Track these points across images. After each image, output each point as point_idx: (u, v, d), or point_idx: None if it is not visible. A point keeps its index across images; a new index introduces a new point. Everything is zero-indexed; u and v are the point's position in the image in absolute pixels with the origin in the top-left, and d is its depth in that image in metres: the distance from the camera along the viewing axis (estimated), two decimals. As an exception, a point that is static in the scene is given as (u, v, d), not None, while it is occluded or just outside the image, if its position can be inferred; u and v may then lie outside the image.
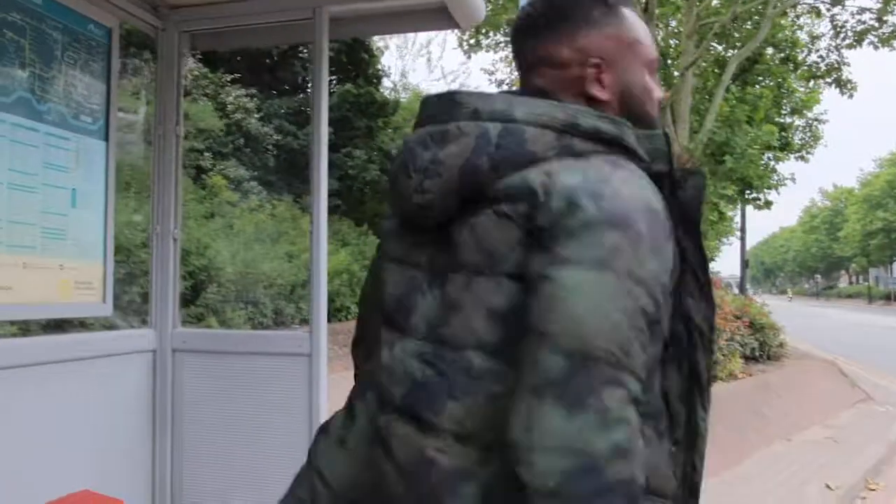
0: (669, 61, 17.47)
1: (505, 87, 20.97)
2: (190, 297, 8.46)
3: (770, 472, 5.85)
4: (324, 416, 2.60)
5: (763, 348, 10.30)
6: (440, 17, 2.81)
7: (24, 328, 4.98)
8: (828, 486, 5.42)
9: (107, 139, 2.59)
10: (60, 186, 2.39)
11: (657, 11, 15.27)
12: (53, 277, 2.35)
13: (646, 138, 1.07)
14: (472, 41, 17.77)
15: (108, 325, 4.95)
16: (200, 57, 13.30)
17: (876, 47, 16.89)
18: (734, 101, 15.61)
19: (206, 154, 12.43)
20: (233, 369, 2.72)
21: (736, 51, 16.77)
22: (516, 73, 1.21)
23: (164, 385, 2.76)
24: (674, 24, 18.44)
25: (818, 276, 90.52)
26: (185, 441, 2.76)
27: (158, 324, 2.80)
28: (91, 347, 2.53)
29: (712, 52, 17.29)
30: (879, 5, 16.35)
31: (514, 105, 1.03)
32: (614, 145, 1.03)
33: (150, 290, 2.83)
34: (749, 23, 17.32)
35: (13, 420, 2.17)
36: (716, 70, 17.38)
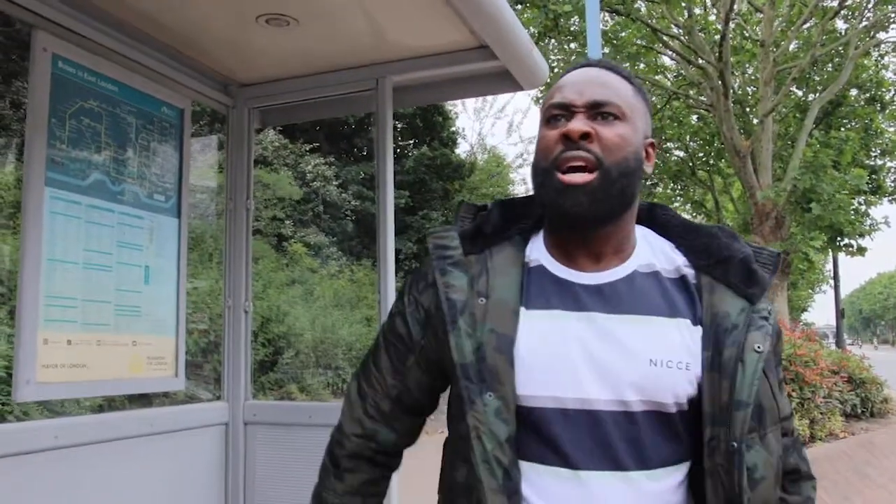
0: (747, 109, 17.14)
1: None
2: (269, 365, 8.57)
3: (881, 542, 5.42)
4: (395, 487, 2.52)
5: (865, 405, 9.69)
6: (503, 81, 2.81)
7: (109, 401, 5.12)
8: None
9: (179, 216, 2.65)
10: (134, 264, 2.44)
11: (732, 59, 15.06)
12: (126, 353, 2.38)
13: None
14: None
15: (191, 397, 5.04)
16: (280, 129, 13.77)
17: (969, 83, 16.16)
18: (818, 146, 15.11)
19: (287, 222, 12.75)
20: (303, 441, 2.69)
21: (817, 95, 16.33)
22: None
23: (236, 458, 2.75)
24: (750, 71, 18.14)
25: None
26: (256, 516, 2.73)
27: (231, 396, 2.81)
28: (165, 422, 2.55)
29: (792, 97, 16.88)
30: (970, 40, 15.68)
31: None
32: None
33: (223, 363, 2.86)
34: (830, 65, 16.89)
35: (88, 496, 2.18)
36: (797, 115, 16.93)
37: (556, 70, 16.18)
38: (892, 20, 16.20)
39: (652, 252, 1.21)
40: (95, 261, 2.30)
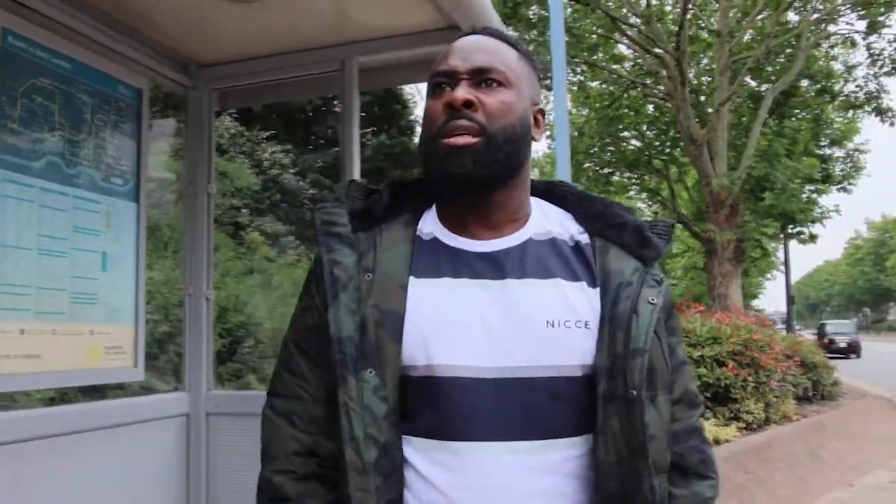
0: (703, 98, 17.37)
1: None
2: (227, 355, 8.43)
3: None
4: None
5: (817, 388, 9.94)
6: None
7: (61, 394, 4.97)
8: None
9: (137, 200, 2.55)
10: (90, 250, 2.34)
11: (688, 49, 15.23)
12: (83, 343, 2.29)
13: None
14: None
15: (146, 388, 4.91)
16: (236, 115, 13.54)
17: (916, 74, 16.60)
18: (771, 136, 15.39)
19: (244, 211, 12.55)
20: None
21: (770, 85, 16.60)
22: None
23: (197, 451, 2.67)
24: (705, 61, 18.37)
25: (866, 309, 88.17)
26: (220, 509, 2.66)
27: (192, 387, 2.73)
28: (123, 414, 2.45)
29: (746, 87, 17.14)
30: (916, 32, 16.10)
31: None
32: None
33: (184, 353, 2.77)
34: (782, 56, 17.19)
35: (41, 493, 2.09)
36: (751, 105, 17.21)
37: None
38: (840, 13, 16.56)
39: (548, 221, 1.21)
40: (49, 247, 2.19)
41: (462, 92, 1.12)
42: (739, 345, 7.66)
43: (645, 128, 19.87)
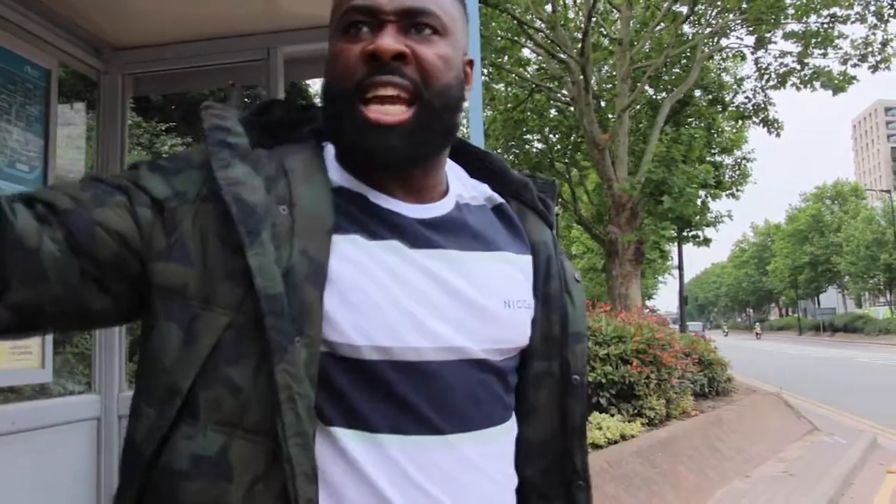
0: (604, 104, 17.88)
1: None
2: (133, 352, 8.10)
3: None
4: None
5: (712, 384, 10.37)
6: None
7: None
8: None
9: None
10: (-7, 242, 2.17)
11: (592, 56, 15.65)
12: (-14, 343, 2.12)
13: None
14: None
15: (40, 390, 4.62)
16: (133, 105, 12.99)
17: (798, 88, 17.63)
18: (668, 142, 16.02)
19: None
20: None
21: (667, 94, 17.28)
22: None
23: (109, 456, 2.52)
24: (606, 68, 18.93)
25: (750, 309, 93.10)
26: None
27: (103, 389, 2.57)
28: (30, 418, 2.29)
29: (645, 94, 17.79)
30: (800, 49, 17.12)
31: None
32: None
33: (94, 353, 2.61)
34: (678, 66, 17.93)
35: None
36: (650, 112, 17.85)
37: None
38: (732, 28, 17.44)
39: (459, 181, 1.03)
40: (-53, 237, 2.01)
41: (390, 40, 0.86)
42: (643, 343, 7.90)
43: (548, 131, 20.29)
